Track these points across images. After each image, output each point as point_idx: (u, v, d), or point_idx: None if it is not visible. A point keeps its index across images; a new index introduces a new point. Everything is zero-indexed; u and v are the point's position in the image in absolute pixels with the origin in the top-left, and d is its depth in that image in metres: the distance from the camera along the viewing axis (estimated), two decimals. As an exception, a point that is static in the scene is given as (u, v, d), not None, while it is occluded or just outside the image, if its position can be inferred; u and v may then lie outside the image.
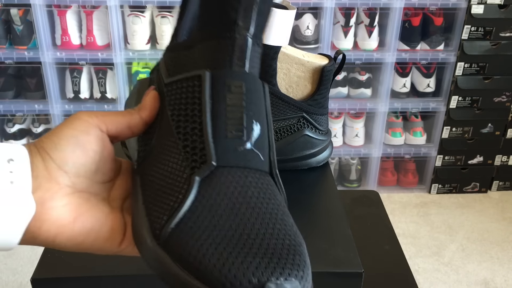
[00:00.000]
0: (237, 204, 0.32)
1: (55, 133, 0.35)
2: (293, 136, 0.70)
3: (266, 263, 0.28)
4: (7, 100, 1.92)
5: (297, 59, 0.67)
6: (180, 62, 0.39)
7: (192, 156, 0.34)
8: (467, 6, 1.87)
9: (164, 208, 0.33)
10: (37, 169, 0.34)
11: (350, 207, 0.99)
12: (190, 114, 0.35)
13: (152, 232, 0.32)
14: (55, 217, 0.33)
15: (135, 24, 1.82)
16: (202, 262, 0.28)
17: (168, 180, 0.34)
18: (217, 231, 0.30)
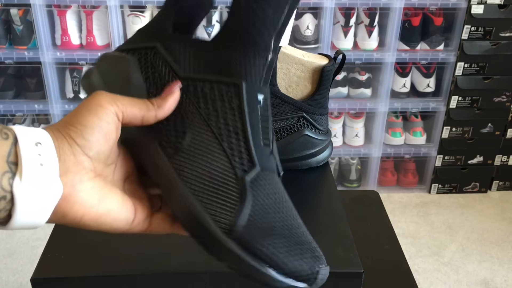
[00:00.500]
0: (277, 203, 0.40)
1: (80, 121, 0.37)
2: (293, 136, 0.70)
3: (312, 256, 0.38)
4: (7, 100, 1.92)
5: (297, 59, 0.67)
6: (205, 60, 0.42)
7: (240, 160, 0.40)
8: (467, 6, 1.87)
9: (226, 207, 0.38)
10: (65, 154, 0.35)
11: (350, 207, 0.99)
12: (230, 118, 0.40)
13: (220, 228, 0.37)
14: (85, 199, 0.36)
15: (135, 24, 1.82)
16: (275, 254, 0.36)
17: (218, 179, 0.39)
18: (274, 228, 0.38)
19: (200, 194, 0.38)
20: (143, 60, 0.44)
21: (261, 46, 0.40)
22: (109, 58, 0.46)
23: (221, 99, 0.41)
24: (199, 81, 0.41)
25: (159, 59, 0.43)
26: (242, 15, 0.40)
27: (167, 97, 0.41)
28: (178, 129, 0.41)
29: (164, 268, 0.54)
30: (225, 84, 0.41)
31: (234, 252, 0.36)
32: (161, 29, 0.44)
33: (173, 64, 0.42)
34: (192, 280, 0.54)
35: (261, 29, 0.40)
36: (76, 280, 0.53)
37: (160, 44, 0.43)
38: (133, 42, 0.46)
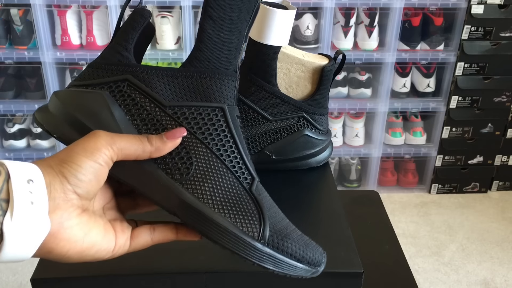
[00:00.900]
0: (275, 207, 0.46)
1: (76, 161, 0.38)
2: (293, 136, 0.70)
3: (315, 245, 0.45)
4: (7, 100, 1.92)
5: (297, 59, 0.67)
6: (184, 88, 0.44)
7: (242, 175, 0.45)
8: (467, 6, 1.87)
9: (251, 219, 0.42)
10: (55, 191, 0.36)
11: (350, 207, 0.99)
12: (223, 139, 0.44)
13: (253, 238, 0.42)
14: (71, 235, 0.37)
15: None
16: (298, 249, 0.43)
17: (235, 196, 0.43)
18: (286, 228, 0.44)
19: (225, 211, 0.42)
20: (116, 94, 0.45)
21: (230, 71, 0.46)
22: (74, 95, 0.45)
23: (211, 122, 0.44)
24: (186, 107, 0.44)
25: (134, 90, 0.44)
26: (212, 45, 0.44)
27: (168, 141, 0.42)
28: (183, 156, 0.43)
29: (164, 268, 0.54)
30: (211, 108, 0.45)
31: (270, 254, 0.42)
32: (125, 60, 0.45)
33: (152, 94, 0.44)
34: (192, 280, 0.54)
35: (229, 56, 0.45)
36: (76, 280, 0.53)
37: (131, 76, 0.44)
38: (94, 78, 0.45)
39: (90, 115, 0.44)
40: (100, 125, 0.43)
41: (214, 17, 0.44)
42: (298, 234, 0.45)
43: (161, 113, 0.44)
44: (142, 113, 0.44)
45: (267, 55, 0.65)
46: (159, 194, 0.43)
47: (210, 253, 0.55)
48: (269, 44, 0.64)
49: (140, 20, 0.45)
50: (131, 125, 0.44)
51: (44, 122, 0.45)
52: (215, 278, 0.53)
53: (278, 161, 0.70)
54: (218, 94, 0.45)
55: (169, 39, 1.86)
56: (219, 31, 0.44)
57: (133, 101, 0.44)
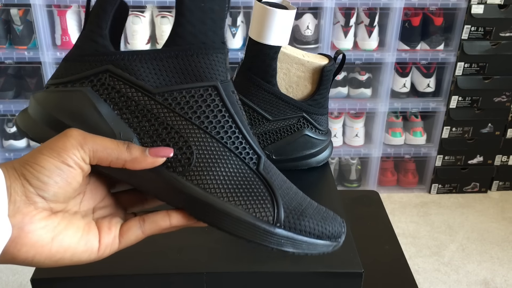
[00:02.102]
0: (286, 182, 0.44)
1: (39, 161, 0.35)
2: (293, 136, 0.70)
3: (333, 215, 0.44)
4: (7, 100, 1.92)
5: (297, 59, 0.67)
6: (170, 70, 0.41)
7: (247, 155, 0.42)
8: (467, 6, 1.87)
9: (264, 203, 0.40)
10: (16, 194, 0.34)
11: (350, 207, 0.99)
12: (221, 120, 0.41)
13: (268, 223, 0.40)
14: (34, 240, 0.35)
15: (135, 24, 1.82)
16: (316, 226, 0.42)
17: (242, 179, 0.41)
18: (300, 204, 0.42)
19: (235, 199, 0.40)
20: (99, 88, 0.41)
21: (217, 43, 0.41)
22: (53, 96, 0.42)
23: (206, 104, 0.41)
24: (176, 92, 0.41)
25: (118, 81, 0.41)
26: (193, 17, 0.40)
27: (149, 157, 0.39)
28: (181, 146, 0.40)
29: (164, 268, 0.54)
30: (203, 88, 0.41)
31: (287, 237, 0.40)
32: (101, 48, 0.41)
33: (137, 82, 0.41)
34: (192, 280, 0.54)
35: (214, 27, 0.41)
36: (76, 280, 0.53)
37: (112, 65, 0.41)
38: (72, 73, 0.42)
39: (75, 117, 0.40)
40: (87, 126, 0.40)
41: None
42: (314, 208, 0.43)
43: (150, 101, 0.40)
44: (130, 105, 0.41)
45: (267, 55, 0.65)
46: (162, 190, 0.40)
47: (210, 253, 0.55)
48: (269, 44, 0.64)
49: (112, 2, 0.41)
50: (120, 120, 0.40)
51: (24, 127, 0.42)
52: (215, 278, 0.53)
53: (278, 161, 0.70)
54: (209, 71, 0.41)
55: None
56: (199, 1, 0.40)
57: (118, 93, 0.41)
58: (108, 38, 0.41)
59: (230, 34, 1.87)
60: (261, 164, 0.42)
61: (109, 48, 0.41)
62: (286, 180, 0.44)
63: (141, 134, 0.41)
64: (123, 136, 0.40)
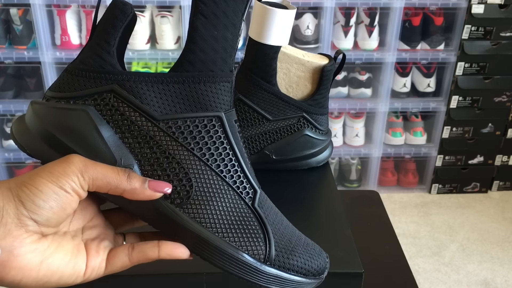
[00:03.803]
0: (279, 216, 0.44)
1: (37, 184, 0.34)
2: (293, 136, 0.70)
3: (319, 251, 0.45)
4: (6, 100, 1.92)
5: (297, 59, 0.67)
6: (176, 97, 0.40)
7: (244, 189, 0.42)
8: (467, 6, 1.87)
9: (256, 240, 0.41)
10: (8, 216, 0.34)
11: (350, 207, 0.99)
12: (222, 153, 0.41)
13: (259, 260, 0.40)
14: (23, 264, 0.34)
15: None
16: (303, 264, 0.42)
17: (238, 216, 0.41)
18: (290, 241, 0.43)
19: (229, 235, 0.40)
20: (103, 108, 0.40)
21: (226, 72, 0.41)
22: (55, 112, 0.40)
23: (208, 135, 0.41)
24: (181, 120, 0.40)
25: (122, 103, 0.40)
26: (205, 45, 0.40)
27: (148, 190, 0.38)
28: (181, 178, 0.40)
29: (164, 268, 0.53)
30: (207, 118, 0.41)
31: (276, 275, 0.41)
32: (108, 66, 0.40)
33: (142, 107, 0.39)
34: (192, 280, 0.54)
35: (225, 56, 0.41)
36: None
37: (117, 85, 0.40)
38: (75, 88, 0.40)
39: (75, 138, 0.39)
40: (87, 149, 0.39)
41: (206, 13, 0.39)
42: (301, 244, 0.44)
43: (153, 128, 0.40)
44: (133, 130, 0.40)
45: (267, 55, 0.65)
46: (158, 220, 0.40)
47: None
48: (269, 44, 0.64)
49: (122, 17, 0.39)
50: (122, 144, 0.40)
51: (21, 139, 0.41)
52: (215, 278, 0.53)
53: (278, 161, 0.70)
54: (214, 101, 0.41)
55: (169, 39, 1.86)
56: (213, 29, 0.39)
57: (122, 116, 0.40)
58: (115, 56, 0.40)
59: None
60: (257, 199, 0.42)
61: (116, 66, 0.40)
62: (278, 212, 0.45)
63: (142, 161, 0.40)
64: (124, 162, 0.39)
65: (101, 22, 0.40)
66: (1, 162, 2.01)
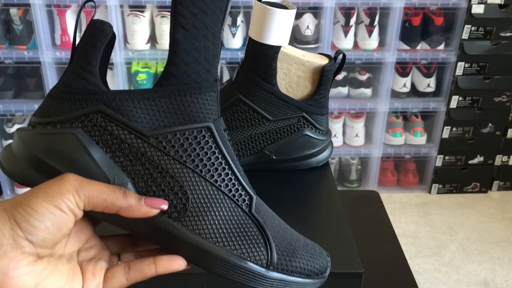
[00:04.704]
0: (276, 219, 0.45)
1: (32, 204, 0.34)
2: (293, 136, 0.70)
3: (320, 251, 0.46)
4: (6, 100, 1.92)
5: (297, 59, 0.67)
6: (163, 111, 0.40)
7: (239, 196, 0.42)
8: (467, 6, 1.87)
9: (257, 247, 0.41)
10: (3, 237, 0.33)
11: (350, 207, 0.99)
12: (214, 163, 0.41)
13: (261, 266, 0.41)
14: (18, 286, 0.34)
15: (135, 24, 1.82)
16: (305, 265, 0.43)
17: (236, 224, 0.41)
18: (290, 243, 0.43)
19: (230, 244, 0.40)
20: (91, 129, 0.39)
21: (210, 82, 0.41)
22: (42, 138, 0.40)
23: (199, 146, 0.40)
24: (170, 134, 0.40)
25: (110, 122, 0.39)
26: (187, 57, 0.40)
27: (144, 207, 0.38)
28: (177, 192, 0.40)
29: (164, 268, 0.53)
30: (196, 130, 0.40)
31: (280, 279, 0.41)
32: (92, 86, 0.40)
33: (130, 124, 0.39)
34: (192, 280, 0.53)
35: (208, 67, 0.41)
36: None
37: (103, 105, 0.39)
38: (61, 112, 0.40)
39: (65, 161, 0.39)
40: (79, 171, 0.38)
41: (186, 25, 0.39)
42: (301, 245, 0.44)
43: (144, 144, 0.39)
44: (124, 148, 0.39)
45: (267, 55, 0.65)
46: (156, 236, 0.40)
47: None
48: (269, 44, 0.64)
49: (101, 37, 0.39)
50: (113, 164, 0.39)
51: (9, 168, 0.41)
52: (215, 278, 0.53)
53: (278, 161, 0.70)
54: (202, 111, 0.41)
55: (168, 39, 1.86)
56: (194, 40, 0.40)
57: (111, 135, 0.39)
58: (98, 76, 0.40)
59: (230, 34, 1.86)
60: (253, 205, 0.42)
61: (100, 86, 0.40)
62: (275, 216, 0.45)
63: (135, 179, 0.40)
64: (117, 182, 0.39)
65: (80, 44, 0.40)
66: (1, 162, 2.00)
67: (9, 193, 2.07)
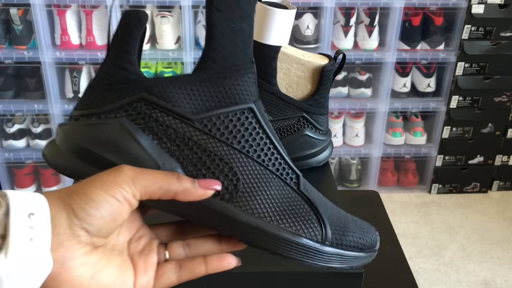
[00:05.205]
0: (323, 197, 0.44)
1: (88, 193, 0.34)
2: (293, 136, 0.70)
3: (368, 226, 0.47)
4: (6, 100, 1.92)
5: (297, 59, 0.67)
6: (205, 95, 0.40)
7: (287, 175, 0.42)
8: (467, 5, 1.87)
9: (311, 224, 0.41)
10: (60, 226, 0.33)
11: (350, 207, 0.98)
12: (260, 143, 0.41)
13: (317, 242, 0.41)
14: (75, 277, 0.33)
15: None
16: (358, 239, 0.44)
17: (287, 202, 0.41)
18: (340, 219, 0.43)
19: (284, 222, 0.40)
20: (136, 117, 0.40)
21: (247, 64, 0.41)
22: (86, 129, 0.40)
23: (244, 127, 0.41)
24: (214, 117, 0.40)
25: (154, 109, 0.40)
26: (224, 40, 0.40)
27: (199, 188, 0.38)
28: (227, 173, 0.40)
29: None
30: (239, 111, 0.41)
31: (336, 253, 0.42)
32: (132, 75, 0.40)
33: (174, 109, 0.40)
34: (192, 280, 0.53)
35: (244, 48, 0.41)
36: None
37: (146, 93, 0.40)
38: (103, 103, 0.40)
39: (114, 149, 0.39)
40: (128, 158, 0.38)
41: (221, 7, 0.39)
42: (350, 221, 0.45)
43: (189, 128, 0.40)
44: (170, 133, 0.40)
45: (267, 55, 0.65)
46: (210, 218, 0.40)
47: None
48: (269, 44, 0.64)
49: (138, 25, 0.39)
50: (161, 150, 0.39)
51: (54, 159, 0.41)
52: (215, 278, 0.53)
53: (278, 161, 0.70)
54: (242, 93, 0.41)
55: (169, 39, 1.86)
56: (230, 22, 0.39)
57: (156, 122, 0.39)
58: (137, 65, 0.40)
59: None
60: (301, 183, 0.43)
61: (141, 75, 0.40)
62: (320, 194, 0.45)
63: (184, 164, 0.40)
64: (167, 167, 0.39)
65: (117, 34, 0.40)
66: (1, 162, 2.01)
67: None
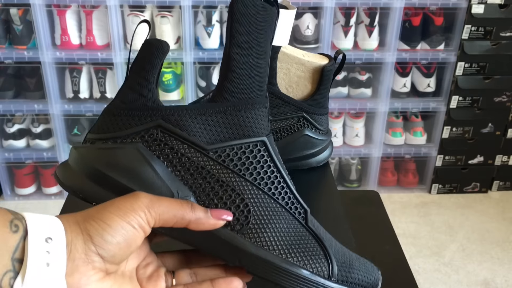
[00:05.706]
0: (327, 233, 0.45)
1: (106, 219, 0.34)
2: (293, 136, 0.70)
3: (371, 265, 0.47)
4: (6, 100, 1.92)
5: (297, 59, 0.67)
6: (220, 126, 0.41)
7: (295, 209, 0.43)
8: (467, 5, 1.87)
9: (318, 258, 0.42)
10: (76, 251, 0.33)
11: (350, 207, 0.99)
12: (271, 176, 0.42)
13: (323, 277, 0.41)
14: None
15: (135, 24, 1.82)
16: (362, 277, 0.44)
17: (296, 236, 0.42)
18: (345, 255, 0.44)
19: (292, 255, 0.41)
20: (151, 144, 0.40)
21: (262, 98, 0.42)
22: (102, 152, 0.41)
23: (256, 160, 0.42)
24: (228, 148, 0.41)
25: (169, 136, 0.40)
26: (242, 74, 0.41)
27: (212, 218, 0.38)
28: (238, 204, 0.40)
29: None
30: (252, 144, 0.42)
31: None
32: (150, 103, 0.41)
33: (189, 138, 0.40)
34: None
35: (260, 83, 0.42)
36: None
37: (163, 120, 0.40)
38: (120, 128, 0.41)
39: (130, 175, 0.39)
40: (142, 184, 0.39)
41: (241, 43, 0.41)
42: (355, 259, 0.45)
43: (203, 158, 0.40)
44: (184, 162, 0.40)
45: (267, 55, 0.65)
46: (221, 249, 0.40)
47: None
48: (269, 43, 0.64)
49: (159, 55, 0.41)
50: (175, 177, 0.40)
51: (67, 181, 0.41)
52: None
53: (278, 161, 0.70)
54: (256, 126, 0.42)
55: (168, 39, 1.86)
56: (248, 58, 0.41)
57: (171, 149, 0.40)
58: (155, 93, 0.41)
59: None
60: (308, 218, 0.43)
61: (158, 103, 0.41)
62: (325, 231, 0.46)
63: (197, 192, 0.40)
64: (181, 195, 0.40)
65: (137, 61, 0.42)
66: (1, 162, 2.00)
67: (9, 193, 2.08)
